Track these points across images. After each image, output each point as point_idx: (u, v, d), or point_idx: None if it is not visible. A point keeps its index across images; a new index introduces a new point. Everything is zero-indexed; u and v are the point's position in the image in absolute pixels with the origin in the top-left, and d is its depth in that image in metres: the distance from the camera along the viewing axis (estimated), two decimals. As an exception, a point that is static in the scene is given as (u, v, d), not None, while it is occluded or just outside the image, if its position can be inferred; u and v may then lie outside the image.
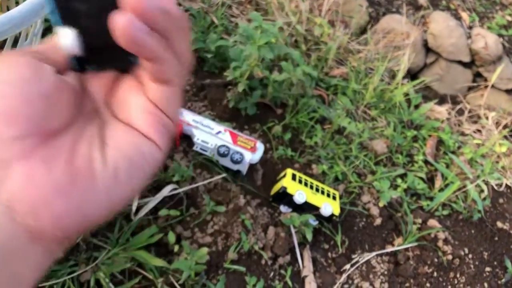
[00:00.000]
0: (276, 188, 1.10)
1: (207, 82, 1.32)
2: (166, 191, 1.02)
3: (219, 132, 1.12)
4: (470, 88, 2.32)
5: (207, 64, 1.40)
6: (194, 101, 1.27)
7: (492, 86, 2.40)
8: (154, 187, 1.05)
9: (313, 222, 1.10)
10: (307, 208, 1.07)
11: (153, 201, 1.00)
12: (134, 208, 0.97)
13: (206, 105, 1.27)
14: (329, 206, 1.07)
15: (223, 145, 1.09)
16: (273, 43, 1.17)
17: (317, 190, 1.09)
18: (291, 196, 1.05)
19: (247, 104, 1.27)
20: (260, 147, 1.14)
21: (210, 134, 1.12)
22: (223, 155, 1.08)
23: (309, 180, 1.11)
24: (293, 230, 1.08)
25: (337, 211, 1.08)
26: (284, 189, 1.05)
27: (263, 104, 1.36)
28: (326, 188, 1.12)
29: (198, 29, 1.41)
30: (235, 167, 1.10)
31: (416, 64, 2.41)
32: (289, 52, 1.37)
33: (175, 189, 1.04)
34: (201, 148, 1.12)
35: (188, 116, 1.13)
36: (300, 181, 1.08)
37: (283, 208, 1.10)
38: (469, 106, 1.90)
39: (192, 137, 1.13)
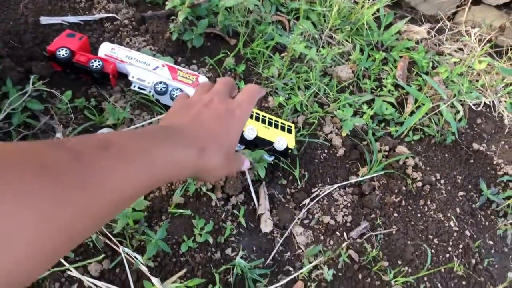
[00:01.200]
0: None
1: (148, 14, 1.19)
2: (99, 135, 0.93)
3: (157, 67, 1.02)
4: (458, 7, 2.17)
5: (149, -5, 1.27)
6: (133, 36, 1.15)
7: (482, 2, 2.24)
8: (87, 133, 0.96)
9: (268, 157, 1.01)
10: (260, 143, 0.98)
11: (84, 148, 0.91)
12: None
13: (147, 39, 1.15)
14: (283, 140, 0.98)
15: (161, 82, 0.99)
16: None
17: (270, 124, 1.00)
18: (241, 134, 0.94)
19: (193, 35, 1.15)
20: (204, 80, 1.04)
21: (146, 70, 1.01)
22: (161, 93, 0.98)
23: (262, 114, 1.01)
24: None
25: (292, 144, 0.99)
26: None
27: (214, 34, 1.24)
28: (280, 121, 1.02)
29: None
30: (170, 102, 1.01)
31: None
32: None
33: (110, 133, 0.95)
34: (138, 87, 1.02)
35: (122, 52, 1.02)
36: (251, 116, 0.98)
37: None
38: (451, 23, 1.77)
39: (127, 75, 1.03)
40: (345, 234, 1.02)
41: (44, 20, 1.09)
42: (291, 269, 0.95)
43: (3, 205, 0.26)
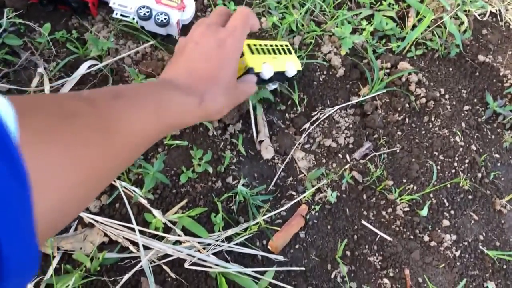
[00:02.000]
0: (240, 72, 0.80)
1: None
2: (84, 68, 0.88)
3: (139, -9, 0.94)
4: None
5: None
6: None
7: None
8: (72, 67, 0.91)
9: (273, 85, 0.96)
10: (275, 77, 0.85)
11: (70, 82, 0.87)
12: (47, 91, 0.85)
13: (127, -37, 1.07)
14: (291, 64, 0.88)
15: (143, 6, 0.92)
16: None
17: (274, 51, 0.87)
18: (257, 73, 0.78)
19: (175, -45, 1.06)
20: (190, 3, 0.97)
21: (128, -5, 0.94)
22: (144, 18, 0.91)
23: (263, 43, 0.85)
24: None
25: (299, 66, 0.89)
26: (251, 70, 0.77)
27: (199, -46, 1.14)
28: (278, 43, 0.92)
29: None
30: (163, 30, 0.94)
31: None
32: None
33: (95, 65, 0.90)
34: (121, 15, 0.95)
35: (100, -23, 0.95)
36: (258, 51, 0.81)
37: None
38: None
39: (108, 2, 0.95)
40: (347, 156, 0.99)
41: None
42: (294, 193, 0.94)
43: (44, 148, 0.27)
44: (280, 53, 0.87)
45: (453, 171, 1.04)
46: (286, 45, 0.91)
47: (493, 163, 1.09)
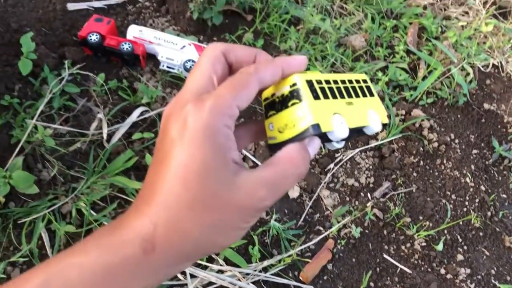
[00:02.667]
0: (289, 132, 0.40)
1: (168, -5, 1.23)
2: (136, 114, 0.99)
3: (184, 46, 1.07)
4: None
5: (166, -24, 1.31)
6: (155, 17, 1.20)
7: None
8: (123, 113, 1.02)
9: (338, 145, 0.45)
10: (352, 134, 0.44)
11: (123, 126, 0.98)
12: (105, 135, 0.95)
13: (169, 20, 1.20)
14: (375, 115, 0.47)
15: (189, 60, 1.04)
16: None
17: (348, 93, 0.47)
18: (323, 133, 0.40)
19: (212, 13, 1.20)
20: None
21: (174, 50, 1.06)
22: (190, 70, 1.03)
23: (331, 78, 0.46)
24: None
25: (385, 117, 0.47)
26: (316, 128, 0.38)
27: (231, 11, 1.28)
28: (352, 78, 0.49)
29: None
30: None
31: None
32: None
33: (146, 111, 1.01)
34: (167, 66, 1.07)
35: (149, 34, 1.07)
36: (324, 93, 0.43)
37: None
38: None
39: (156, 55, 1.08)
40: (369, 195, 1.09)
41: (71, 6, 1.14)
42: (321, 228, 1.03)
43: None
44: (357, 95, 0.48)
45: (465, 209, 1.13)
46: (364, 80, 0.52)
47: (501, 203, 1.18)
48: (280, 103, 0.39)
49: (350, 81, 0.49)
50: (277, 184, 0.34)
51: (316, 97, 0.40)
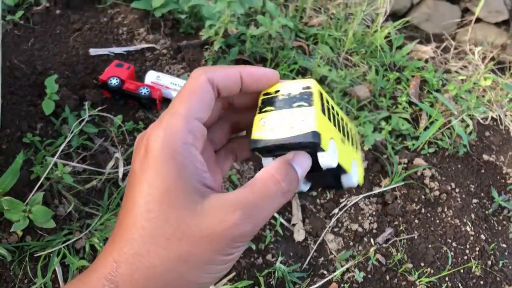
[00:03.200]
0: (283, 132, 0.35)
1: (184, 44, 1.31)
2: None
3: (198, 92, 1.13)
4: (459, 25, 2.30)
5: (182, 25, 1.39)
6: (172, 64, 1.27)
7: (481, 20, 2.37)
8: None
9: (306, 187, 0.44)
10: (326, 173, 0.39)
11: (138, 166, 1.02)
12: (120, 174, 1.00)
13: (185, 67, 1.27)
14: (356, 170, 0.43)
15: (203, 105, 1.10)
16: (243, -3, 1.15)
17: (344, 131, 0.42)
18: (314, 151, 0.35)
19: (226, 62, 1.27)
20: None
21: (189, 95, 1.13)
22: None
23: (336, 108, 0.42)
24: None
25: (362, 175, 0.44)
26: (317, 137, 0.33)
27: (243, 60, 1.35)
28: (348, 122, 0.45)
29: (171, -9, 1.39)
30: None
31: (403, 5, 2.38)
32: (264, 5, 1.35)
33: (160, 152, 1.06)
34: (182, 110, 1.13)
35: (166, 79, 1.14)
36: (330, 115, 0.38)
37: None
38: (456, 43, 1.89)
39: (172, 100, 1.14)
40: (372, 240, 1.12)
41: (93, 51, 1.21)
42: (325, 272, 1.05)
43: None
44: (348, 139, 0.43)
45: (465, 257, 1.16)
46: (355, 134, 0.47)
47: (501, 252, 1.21)
48: (284, 101, 0.36)
49: (347, 124, 0.44)
50: (255, 206, 0.30)
51: (323, 111, 0.36)
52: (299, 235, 1.09)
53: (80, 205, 0.96)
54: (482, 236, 1.20)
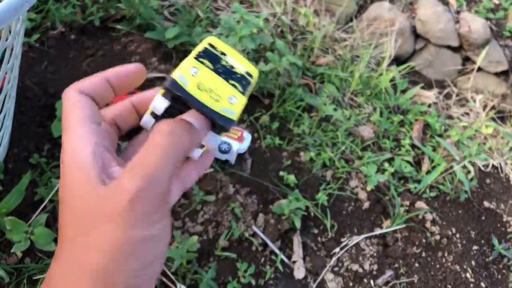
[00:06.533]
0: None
1: (194, 75, 1.33)
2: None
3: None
4: (459, 73, 2.35)
5: (193, 58, 1.42)
6: (181, 94, 1.29)
7: (481, 69, 2.42)
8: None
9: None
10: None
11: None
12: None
13: (194, 97, 1.29)
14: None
15: (225, 142, 1.11)
16: (255, 34, 1.18)
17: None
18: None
19: (234, 95, 1.29)
20: (248, 136, 1.16)
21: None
22: (224, 152, 1.10)
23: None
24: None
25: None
26: (229, 127, 0.37)
27: (251, 95, 1.37)
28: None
29: (184, 23, 1.43)
30: (223, 157, 1.12)
31: (406, 50, 2.43)
32: (273, 42, 1.38)
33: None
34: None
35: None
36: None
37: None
38: (457, 90, 1.93)
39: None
40: (372, 282, 1.11)
41: (105, 77, 1.23)
42: (324, 312, 1.03)
43: None
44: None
45: (465, 305, 1.14)
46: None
47: (501, 302, 1.20)
48: (224, 70, 0.38)
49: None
50: (142, 161, 0.30)
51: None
52: (299, 272, 1.08)
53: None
54: (482, 284, 1.19)
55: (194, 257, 0.97)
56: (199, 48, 0.38)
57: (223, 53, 0.38)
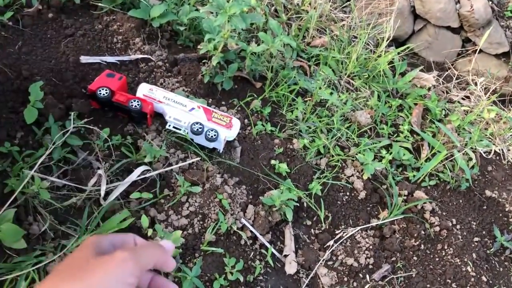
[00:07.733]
0: None
1: (181, 57, 1.25)
2: (137, 173, 0.97)
3: (193, 108, 1.07)
4: (459, 55, 2.27)
5: (180, 38, 1.33)
6: (167, 77, 1.20)
7: (482, 51, 2.34)
8: (124, 170, 1.00)
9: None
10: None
11: (123, 185, 0.95)
12: (102, 192, 0.92)
13: (180, 81, 1.21)
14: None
15: (197, 122, 1.03)
16: (246, 13, 1.10)
17: None
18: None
19: (223, 79, 1.21)
20: (236, 123, 1.09)
21: (183, 111, 1.06)
22: (197, 133, 1.02)
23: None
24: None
25: None
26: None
27: (241, 77, 1.29)
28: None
29: (170, 1, 1.33)
30: (210, 144, 1.05)
31: (404, 31, 2.34)
32: (266, 22, 1.30)
33: (147, 170, 0.99)
34: (174, 127, 1.06)
35: (159, 93, 1.08)
36: None
37: None
38: (457, 72, 1.85)
39: (164, 115, 1.07)
40: (367, 276, 1.05)
41: (84, 59, 1.15)
42: (317, 309, 0.98)
43: None
44: None
45: (466, 300, 1.09)
46: None
47: (502, 296, 1.14)
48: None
49: None
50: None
51: None
52: (290, 267, 1.02)
53: (56, 223, 0.89)
54: (484, 278, 1.13)
55: (177, 253, 0.91)
56: None
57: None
